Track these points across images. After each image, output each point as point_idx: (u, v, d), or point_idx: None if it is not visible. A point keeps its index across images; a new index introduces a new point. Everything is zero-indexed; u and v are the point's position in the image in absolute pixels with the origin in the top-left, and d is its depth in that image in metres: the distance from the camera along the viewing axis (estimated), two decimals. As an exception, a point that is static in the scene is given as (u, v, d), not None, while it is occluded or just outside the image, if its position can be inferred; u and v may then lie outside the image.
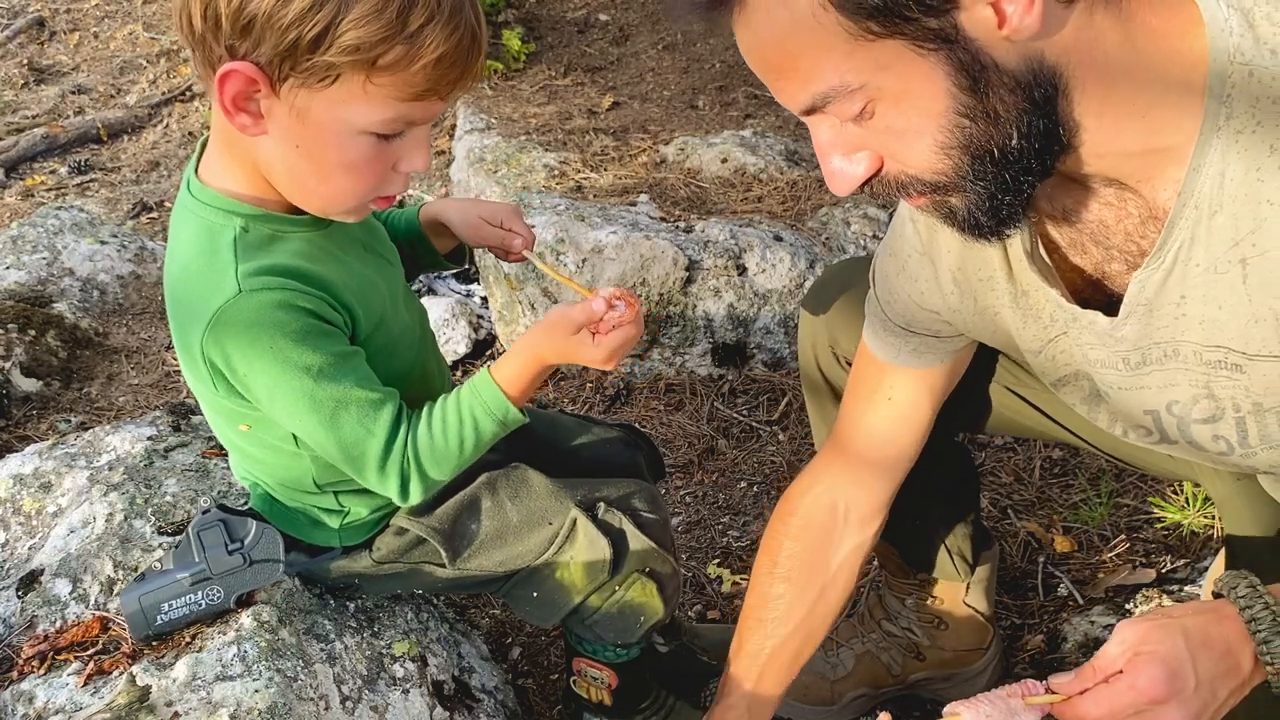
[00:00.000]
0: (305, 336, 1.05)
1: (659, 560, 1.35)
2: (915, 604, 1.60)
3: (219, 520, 1.24)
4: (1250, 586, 0.88)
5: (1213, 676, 0.85)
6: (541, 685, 1.72)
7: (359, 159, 1.02)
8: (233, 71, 0.96)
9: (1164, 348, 0.94)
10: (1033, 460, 2.08)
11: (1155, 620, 0.87)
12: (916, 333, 1.18)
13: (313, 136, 1.00)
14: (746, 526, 2.03)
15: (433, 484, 1.17)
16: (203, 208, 1.08)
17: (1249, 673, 0.87)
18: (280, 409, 1.09)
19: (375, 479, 1.14)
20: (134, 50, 4.58)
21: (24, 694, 1.22)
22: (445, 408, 1.15)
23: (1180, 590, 1.67)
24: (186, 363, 1.13)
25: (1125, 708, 0.85)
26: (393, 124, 1.00)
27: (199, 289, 1.06)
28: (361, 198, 1.07)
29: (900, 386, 1.22)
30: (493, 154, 3.01)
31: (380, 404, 1.11)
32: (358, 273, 1.15)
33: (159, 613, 1.23)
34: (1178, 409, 0.99)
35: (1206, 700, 0.85)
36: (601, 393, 2.39)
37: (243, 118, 1.00)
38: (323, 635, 1.32)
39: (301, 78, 0.96)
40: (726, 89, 3.91)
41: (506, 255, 1.34)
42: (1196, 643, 0.86)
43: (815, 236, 2.55)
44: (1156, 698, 0.84)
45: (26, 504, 1.54)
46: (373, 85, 0.97)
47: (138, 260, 2.80)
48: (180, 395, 2.37)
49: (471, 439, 1.14)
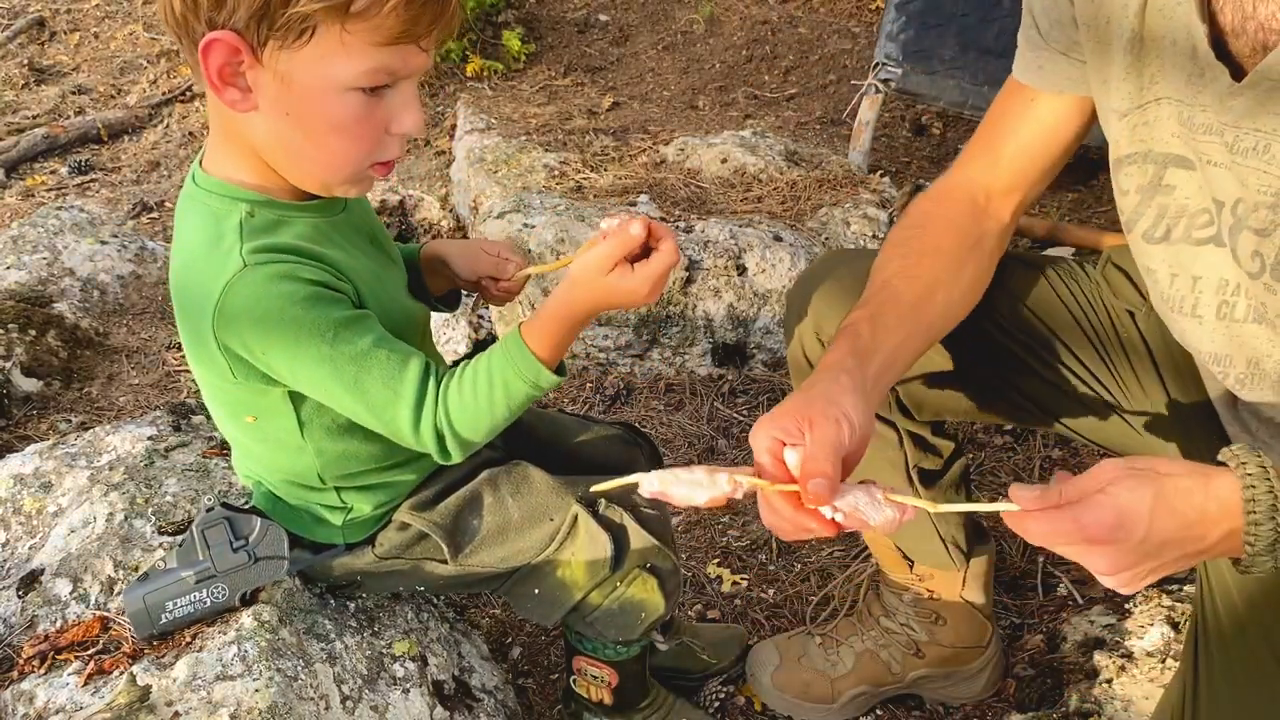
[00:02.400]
0: (315, 302, 1.05)
1: (660, 556, 1.36)
2: (913, 599, 1.60)
3: (223, 518, 1.24)
4: (1260, 466, 0.86)
5: (1164, 540, 0.84)
6: (542, 685, 1.72)
7: (349, 118, 1.02)
8: (214, 41, 0.96)
9: (1259, 138, 0.94)
10: (1032, 460, 2.08)
11: (1141, 470, 0.86)
12: (1060, 51, 1.16)
13: (300, 100, 1.00)
14: (746, 526, 2.03)
15: (470, 444, 1.14)
16: (208, 195, 1.08)
17: (1211, 544, 0.86)
18: (304, 379, 1.09)
19: (412, 439, 1.12)
20: (134, 50, 4.58)
21: (24, 694, 1.22)
22: (477, 369, 1.12)
23: (1180, 590, 1.67)
24: (197, 353, 1.12)
25: (1062, 536, 0.85)
26: (375, 74, 1.00)
27: (205, 273, 1.06)
28: (358, 163, 1.06)
29: (1048, 107, 1.20)
30: (493, 154, 3.01)
31: (403, 363, 1.09)
32: (362, 262, 1.15)
33: (163, 611, 1.24)
34: (1240, 209, 0.99)
35: (1145, 558, 0.85)
36: (601, 393, 2.39)
37: (231, 92, 1.00)
38: (323, 635, 1.32)
39: (280, 38, 0.96)
40: (726, 89, 3.92)
41: (496, 283, 1.32)
42: (1165, 505, 0.84)
43: (815, 236, 2.55)
44: (1094, 539, 0.84)
45: (27, 504, 1.54)
46: (348, 34, 0.96)
47: (138, 260, 2.81)
48: (180, 395, 2.38)
49: (503, 402, 1.12)
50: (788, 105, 3.80)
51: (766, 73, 4.05)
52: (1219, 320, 1.09)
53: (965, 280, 1.22)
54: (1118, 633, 1.61)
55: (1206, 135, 1.00)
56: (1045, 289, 1.35)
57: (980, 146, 1.27)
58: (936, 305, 1.18)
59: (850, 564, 1.89)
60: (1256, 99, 0.94)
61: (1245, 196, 0.98)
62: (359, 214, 1.21)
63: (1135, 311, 1.29)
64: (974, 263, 1.23)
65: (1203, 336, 1.12)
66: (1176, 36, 0.99)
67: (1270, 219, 0.97)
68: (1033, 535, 0.87)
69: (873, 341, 1.08)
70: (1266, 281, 1.00)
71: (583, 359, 2.44)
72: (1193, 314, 1.10)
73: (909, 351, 1.14)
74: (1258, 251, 1.00)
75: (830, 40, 4.23)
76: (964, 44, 2.97)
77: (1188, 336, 1.14)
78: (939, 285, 1.19)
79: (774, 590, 1.89)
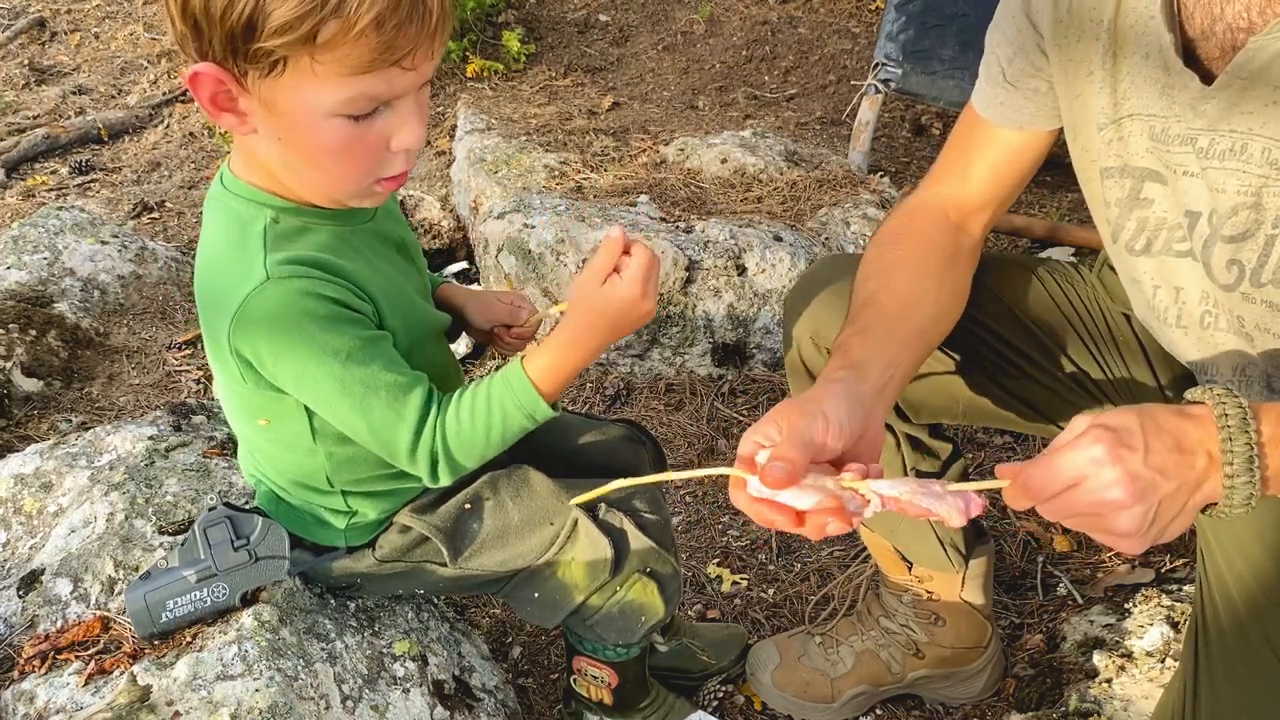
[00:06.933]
0: (333, 322, 1.06)
1: (660, 560, 1.36)
2: (912, 600, 1.60)
3: (225, 517, 1.25)
4: (1225, 388, 0.85)
5: (1163, 462, 0.81)
6: (541, 684, 1.72)
7: (339, 143, 1.00)
8: (198, 74, 0.96)
9: (1234, 139, 0.94)
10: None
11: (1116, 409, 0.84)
12: (1019, 88, 1.18)
13: (287, 127, 1.00)
14: (746, 526, 2.03)
15: (461, 469, 1.16)
16: (234, 199, 1.09)
17: (1200, 472, 0.83)
18: (309, 394, 1.10)
19: (406, 462, 1.14)
20: (135, 51, 4.58)
21: (25, 693, 1.22)
22: (476, 396, 1.14)
23: (1179, 590, 1.67)
24: (214, 352, 1.13)
25: (1066, 468, 0.82)
26: (356, 103, 0.98)
27: (227, 278, 1.07)
28: (360, 182, 1.06)
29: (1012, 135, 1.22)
30: (493, 154, 3.01)
31: (409, 387, 1.11)
32: (383, 270, 1.16)
33: (164, 610, 1.24)
34: (1215, 219, 0.98)
35: (1154, 476, 0.81)
36: (601, 393, 2.39)
37: (227, 118, 1.00)
38: (323, 635, 1.33)
39: (256, 69, 0.96)
40: (726, 89, 3.92)
41: (509, 330, 1.35)
42: (1152, 421, 0.82)
43: (815, 236, 2.55)
44: (1098, 458, 0.80)
45: (27, 504, 1.54)
46: (319, 65, 0.94)
47: (138, 260, 2.81)
48: (181, 395, 2.38)
49: (499, 431, 1.14)
50: (788, 105, 3.80)
51: (766, 73, 4.05)
52: (1203, 330, 1.09)
53: (947, 292, 1.22)
54: (1117, 633, 1.61)
55: (1180, 146, 1.01)
56: (1040, 291, 1.35)
57: (949, 165, 1.29)
58: (924, 316, 1.18)
59: (850, 564, 1.89)
60: (1229, 100, 0.94)
61: (1220, 204, 0.98)
62: (385, 221, 1.21)
63: (1130, 314, 1.29)
64: (952, 276, 1.24)
65: (1189, 346, 1.12)
66: (1149, 50, 1.00)
67: (1253, 219, 0.97)
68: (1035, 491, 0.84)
69: (864, 354, 1.08)
70: (1245, 290, 1.00)
71: (583, 359, 2.44)
72: (1177, 325, 1.11)
73: (907, 361, 1.13)
74: (1234, 260, 0.99)
75: (830, 40, 4.23)
76: (964, 44, 2.97)
77: (1175, 347, 1.15)
78: (924, 296, 1.19)
79: (774, 590, 1.89)
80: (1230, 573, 1.05)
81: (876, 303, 1.16)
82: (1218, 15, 0.96)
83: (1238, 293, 1.01)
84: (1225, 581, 1.06)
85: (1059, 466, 0.83)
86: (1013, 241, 3.03)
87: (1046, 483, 0.83)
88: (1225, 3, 0.95)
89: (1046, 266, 1.39)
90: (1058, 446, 0.84)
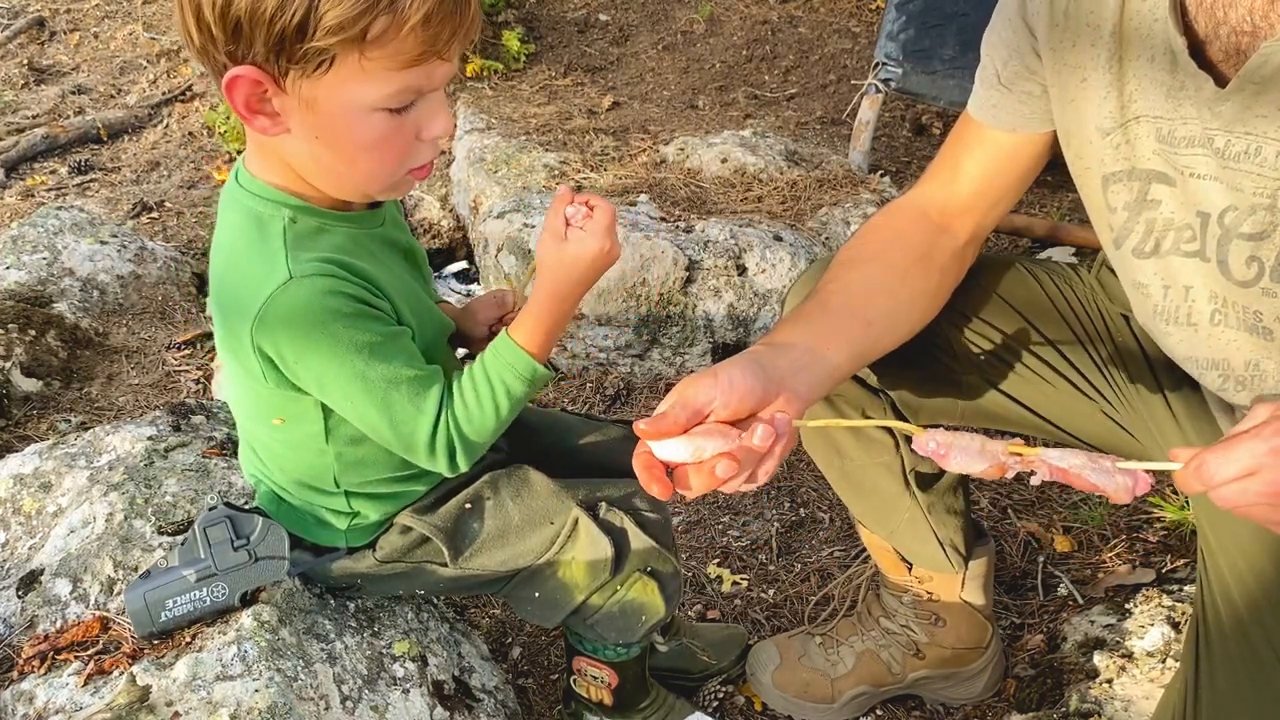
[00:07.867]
0: (357, 319, 1.07)
1: (660, 559, 1.36)
2: (912, 600, 1.60)
3: (225, 517, 1.24)
4: None
5: None
6: (541, 685, 1.72)
7: (377, 137, 1.02)
8: (237, 77, 0.97)
9: (1249, 141, 0.94)
10: (1032, 460, 2.08)
11: None
12: (1013, 90, 1.18)
13: (327, 124, 1.01)
14: (746, 526, 2.03)
15: (479, 450, 1.18)
16: (251, 198, 1.09)
17: None
18: (331, 391, 1.10)
19: (425, 455, 1.15)
20: (134, 50, 4.58)
21: (24, 694, 1.22)
22: (474, 378, 1.16)
23: (1180, 590, 1.67)
24: (233, 350, 1.13)
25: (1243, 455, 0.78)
26: (400, 96, 1.00)
27: (249, 277, 1.07)
28: (392, 174, 1.08)
29: (1004, 138, 1.22)
30: (493, 154, 3.01)
31: (429, 382, 1.13)
32: (397, 274, 1.17)
33: (163, 610, 1.24)
34: (1230, 218, 0.99)
35: None
36: (601, 393, 2.39)
37: (261, 120, 1.01)
38: (323, 635, 1.32)
39: (300, 68, 0.96)
40: (726, 89, 3.92)
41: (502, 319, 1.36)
42: None
43: (815, 236, 2.55)
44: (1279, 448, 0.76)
45: (26, 504, 1.54)
46: (368, 61, 0.96)
47: (138, 260, 2.81)
48: (180, 395, 2.38)
49: (505, 402, 1.16)
50: (788, 105, 3.80)
51: (766, 73, 4.05)
52: (1213, 326, 1.09)
53: (911, 289, 1.22)
54: (1118, 633, 1.61)
55: (1189, 148, 1.01)
56: (1038, 292, 1.35)
57: (939, 166, 1.29)
58: (874, 308, 1.18)
59: (850, 564, 1.89)
60: (1243, 102, 0.94)
61: (1238, 202, 0.98)
62: (394, 228, 1.22)
63: (1129, 315, 1.29)
64: (921, 274, 1.23)
65: (1198, 343, 1.12)
66: (1155, 53, 1.00)
67: (1269, 220, 0.97)
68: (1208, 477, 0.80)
69: (790, 336, 1.09)
70: (1265, 285, 1.00)
71: (583, 359, 2.44)
72: (1188, 322, 1.11)
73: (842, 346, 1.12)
74: (1254, 257, 1.00)
75: (830, 40, 4.23)
76: (964, 44, 2.97)
77: (1182, 345, 1.15)
78: (879, 290, 1.19)
79: (774, 590, 1.89)
80: (1231, 573, 1.05)
81: (823, 294, 1.18)
82: (1221, 19, 0.96)
83: (1257, 288, 1.01)
84: (1226, 582, 1.06)
85: (1236, 454, 0.80)
86: (1013, 241, 3.03)
87: (1221, 469, 0.81)
88: (1228, 7, 0.95)
89: (1045, 267, 1.39)
90: (1237, 433, 0.82)
